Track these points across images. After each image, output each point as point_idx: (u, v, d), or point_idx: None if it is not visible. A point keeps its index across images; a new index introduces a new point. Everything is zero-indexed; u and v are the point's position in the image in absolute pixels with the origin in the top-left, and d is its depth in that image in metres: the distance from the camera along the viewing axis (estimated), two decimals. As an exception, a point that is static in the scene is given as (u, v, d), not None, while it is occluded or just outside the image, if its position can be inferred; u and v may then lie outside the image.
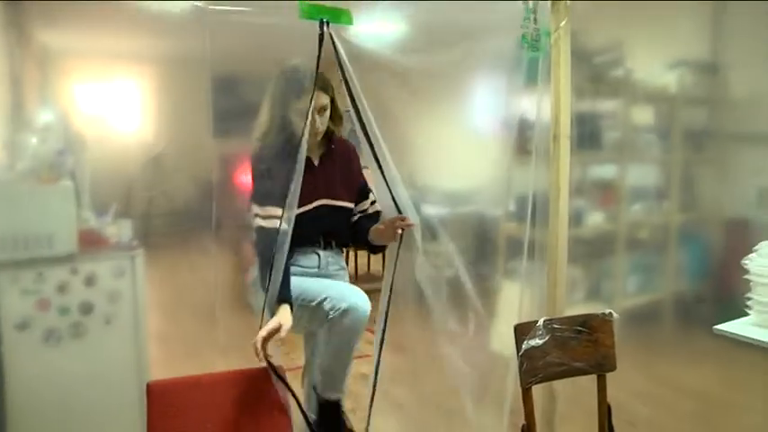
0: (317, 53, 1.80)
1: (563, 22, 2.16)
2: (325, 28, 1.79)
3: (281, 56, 2.47)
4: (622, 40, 2.95)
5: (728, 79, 2.82)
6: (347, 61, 1.82)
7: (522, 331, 1.84)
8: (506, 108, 2.40)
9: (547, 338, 1.87)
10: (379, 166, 1.86)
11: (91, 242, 2.25)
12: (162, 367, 2.35)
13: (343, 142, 2.07)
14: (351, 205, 2.04)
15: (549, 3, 2.18)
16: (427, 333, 2.03)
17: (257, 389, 1.79)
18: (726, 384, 2.64)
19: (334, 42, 1.81)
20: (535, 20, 2.11)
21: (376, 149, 1.80)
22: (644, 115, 3.14)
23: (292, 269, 1.88)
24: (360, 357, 1.98)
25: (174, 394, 1.72)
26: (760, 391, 2.47)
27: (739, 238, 2.63)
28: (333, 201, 1.98)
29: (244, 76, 2.83)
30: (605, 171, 3.07)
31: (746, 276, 1.88)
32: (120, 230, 2.33)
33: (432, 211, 2.72)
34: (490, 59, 2.31)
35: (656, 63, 2.98)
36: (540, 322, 1.87)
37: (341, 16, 1.84)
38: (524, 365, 1.82)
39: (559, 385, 2.23)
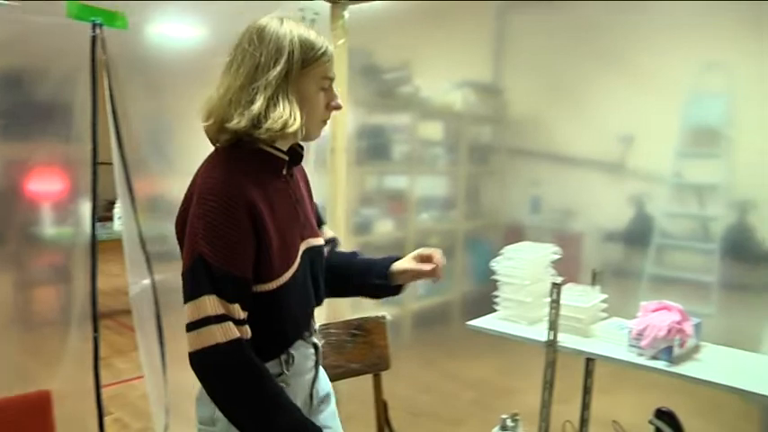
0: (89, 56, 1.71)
1: (341, 41, 2.27)
2: (97, 30, 1.74)
3: (56, 55, 2.28)
4: (410, 59, 3.17)
5: (508, 100, 3.15)
6: (112, 66, 1.76)
7: (295, 338, 1.88)
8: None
9: (322, 343, 1.93)
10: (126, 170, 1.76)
11: None
12: None
13: None
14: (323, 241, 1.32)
15: (330, 21, 2.28)
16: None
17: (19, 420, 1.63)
18: (501, 373, 2.96)
19: (104, 46, 1.75)
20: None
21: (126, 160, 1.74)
22: (432, 130, 3.40)
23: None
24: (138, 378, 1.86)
25: None
26: (526, 375, 2.80)
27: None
28: (314, 239, 1.26)
29: (28, 74, 2.55)
30: (396, 181, 3.26)
31: (493, 277, 2.12)
32: None
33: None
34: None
35: (442, 82, 3.24)
36: (315, 327, 1.92)
37: (115, 20, 1.78)
38: (298, 371, 1.86)
39: (344, 387, 2.31)
